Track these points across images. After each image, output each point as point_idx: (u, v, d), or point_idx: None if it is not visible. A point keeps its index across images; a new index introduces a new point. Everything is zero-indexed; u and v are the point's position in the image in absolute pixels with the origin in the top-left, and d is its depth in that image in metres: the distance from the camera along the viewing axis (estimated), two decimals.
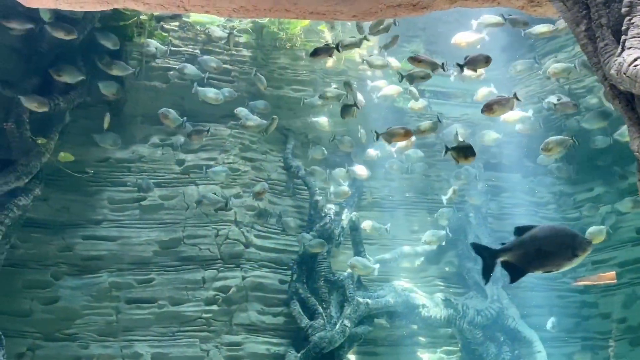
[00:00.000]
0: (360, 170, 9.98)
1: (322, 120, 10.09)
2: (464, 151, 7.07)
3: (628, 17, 3.79)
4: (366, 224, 10.10)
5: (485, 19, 8.88)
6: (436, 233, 10.21)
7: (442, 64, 8.06)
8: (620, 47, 3.79)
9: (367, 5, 5.25)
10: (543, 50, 10.92)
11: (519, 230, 5.06)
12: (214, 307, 9.21)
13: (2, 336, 7.84)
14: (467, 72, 8.50)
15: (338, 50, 8.28)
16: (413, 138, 8.91)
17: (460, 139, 9.74)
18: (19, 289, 8.71)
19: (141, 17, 9.08)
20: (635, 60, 3.60)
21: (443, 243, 10.32)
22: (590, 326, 10.73)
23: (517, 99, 7.64)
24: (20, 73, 8.47)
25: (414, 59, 8.05)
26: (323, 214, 10.03)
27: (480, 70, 9.37)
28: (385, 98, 10.25)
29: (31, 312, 8.70)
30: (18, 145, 8.25)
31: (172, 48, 9.68)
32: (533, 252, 4.69)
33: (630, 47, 3.70)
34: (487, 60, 7.75)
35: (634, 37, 3.72)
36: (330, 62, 10.28)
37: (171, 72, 9.61)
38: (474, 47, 9.05)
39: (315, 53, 8.27)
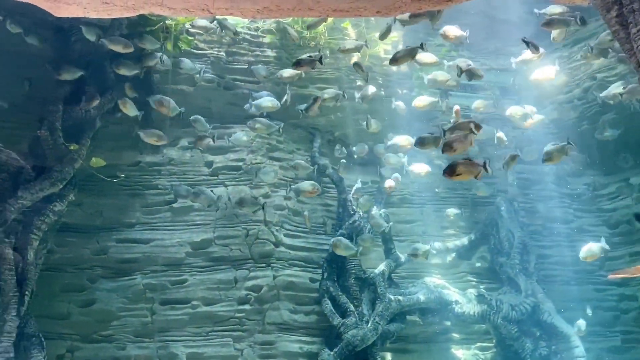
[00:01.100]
0: (389, 182, 9.85)
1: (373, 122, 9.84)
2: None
3: None
4: (374, 217, 9.82)
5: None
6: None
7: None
8: None
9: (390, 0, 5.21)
10: (573, 38, 10.69)
11: None
12: (247, 307, 9.28)
13: (42, 339, 8.05)
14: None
15: (321, 63, 8.36)
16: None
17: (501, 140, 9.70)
18: (57, 292, 8.92)
19: (166, 22, 9.20)
20: None
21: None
22: (630, 320, 10.46)
23: (475, 132, 7.34)
24: (51, 81, 8.68)
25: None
26: (352, 212, 10.01)
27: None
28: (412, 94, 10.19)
29: (69, 315, 8.91)
30: (52, 152, 8.45)
31: (198, 51, 9.78)
32: None
33: None
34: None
35: None
36: (354, 59, 10.25)
37: (197, 76, 9.73)
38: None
39: (298, 64, 8.34)
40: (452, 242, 10.67)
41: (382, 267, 9.90)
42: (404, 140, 9.72)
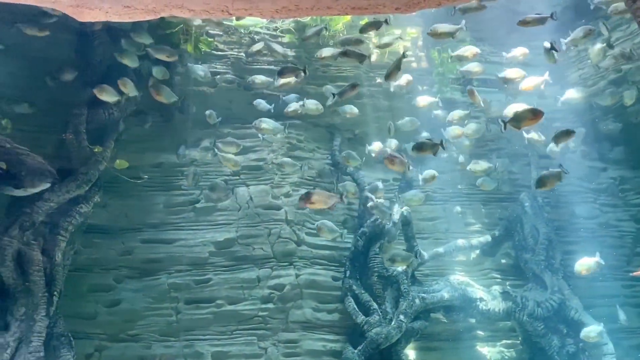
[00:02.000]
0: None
1: (351, 109, 9.78)
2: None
3: None
4: (377, 206, 9.71)
5: None
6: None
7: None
8: None
9: None
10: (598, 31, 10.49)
11: None
12: (270, 305, 9.33)
13: (71, 338, 8.20)
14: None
15: (304, 72, 8.39)
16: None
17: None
18: (84, 292, 9.08)
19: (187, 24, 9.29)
20: None
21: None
22: None
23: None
24: (75, 85, 8.83)
25: None
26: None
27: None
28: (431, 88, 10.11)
29: (96, 315, 9.06)
30: (77, 154, 8.60)
31: (218, 52, 9.85)
32: None
33: None
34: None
35: None
36: (374, 56, 10.21)
37: (218, 77, 9.81)
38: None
39: (281, 72, 8.43)
40: (476, 239, 10.55)
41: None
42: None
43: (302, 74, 8.46)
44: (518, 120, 7.32)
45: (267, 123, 9.07)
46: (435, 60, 10.41)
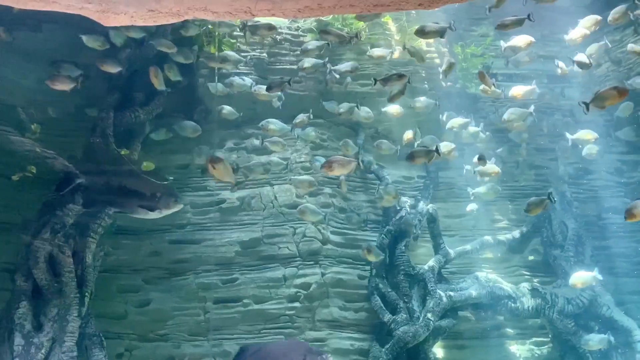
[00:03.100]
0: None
1: (392, 109, 9.84)
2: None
3: None
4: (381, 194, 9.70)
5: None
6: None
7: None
8: None
9: None
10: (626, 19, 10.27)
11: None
12: (297, 304, 9.36)
13: (102, 338, 8.35)
14: None
15: (289, 84, 8.66)
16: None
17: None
18: (114, 293, 9.23)
19: (209, 26, 9.36)
20: None
21: None
22: None
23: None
24: (102, 90, 8.97)
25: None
26: (398, 207, 9.94)
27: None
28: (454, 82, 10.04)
29: (126, 315, 9.20)
30: (105, 157, 8.72)
31: (241, 53, 9.90)
32: None
33: None
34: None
35: None
36: (396, 53, 10.15)
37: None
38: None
39: (269, 88, 8.65)
40: (504, 236, 10.43)
41: (431, 262, 9.79)
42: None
43: (288, 85, 8.72)
44: (602, 99, 7.04)
45: (274, 124, 9.12)
46: (459, 55, 10.29)
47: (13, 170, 8.68)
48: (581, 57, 9.14)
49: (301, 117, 9.17)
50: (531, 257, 10.64)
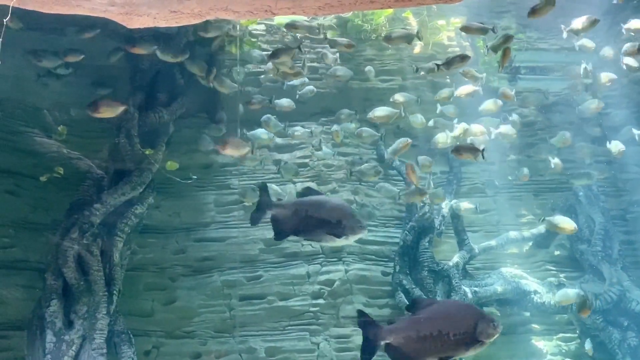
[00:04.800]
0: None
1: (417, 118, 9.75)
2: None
3: None
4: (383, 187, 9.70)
5: None
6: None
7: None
8: None
9: None
10: None
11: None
12: (320, 301, 9.40)
13: (131, 335, 8.49)
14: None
15: (300, 50, 8.41)
16: None
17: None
18: (141, 291, 9.36)
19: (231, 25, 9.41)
20: None
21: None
22: None
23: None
24: (126, 91, 9.10)
25: None
26: (421, 204, 9.89)
27: None
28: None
29: (153, 312, 9.33)
30: (130, 158, 8.85)
31: (262, 52, 9.95)
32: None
33: None
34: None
35: None
36: (417, 48, 10.10)
37: (262, 77, 9.91)
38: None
39: (275, 55, 8.39)
40: (529, 231, 10.31)
41: (455, 258, 9.74)
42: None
43: (298, 50, 8.44)
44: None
45: (273, 121, 9.14)
46: (481, 49, 10.18)
47: (41, 171, 8.88)
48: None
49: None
50: (557, 252, 10.49)
